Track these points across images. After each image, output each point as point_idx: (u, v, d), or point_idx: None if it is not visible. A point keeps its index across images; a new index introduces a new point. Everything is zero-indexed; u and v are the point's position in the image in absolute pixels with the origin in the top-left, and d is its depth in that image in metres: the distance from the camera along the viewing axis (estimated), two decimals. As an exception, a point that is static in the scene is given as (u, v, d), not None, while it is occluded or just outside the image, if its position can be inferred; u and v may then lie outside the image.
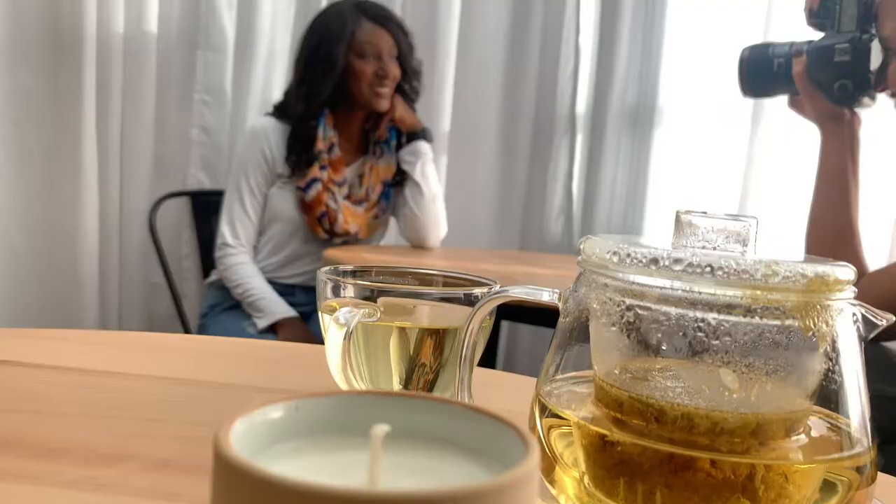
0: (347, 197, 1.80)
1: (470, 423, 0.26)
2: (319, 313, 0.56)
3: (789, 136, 1.88)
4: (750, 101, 1.96)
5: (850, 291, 0.36)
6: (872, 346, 1.06)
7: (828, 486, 0.36)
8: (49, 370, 0.61)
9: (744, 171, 2.05)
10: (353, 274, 0.58)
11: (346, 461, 0.25)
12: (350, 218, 1.78)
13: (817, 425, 0.38)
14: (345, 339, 0.50)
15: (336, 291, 0.54)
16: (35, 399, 0.53)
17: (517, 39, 2.33)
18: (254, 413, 0.25)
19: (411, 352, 0.54)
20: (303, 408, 0.26)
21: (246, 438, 0.24)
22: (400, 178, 1.85)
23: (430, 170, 1.85)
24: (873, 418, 0.37)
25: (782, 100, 1.27)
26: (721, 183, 2.11)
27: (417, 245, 1.89)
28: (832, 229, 1.13)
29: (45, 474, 0.41)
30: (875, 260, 1.35)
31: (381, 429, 0.24)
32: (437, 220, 1.86)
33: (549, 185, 2.34)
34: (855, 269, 0.37)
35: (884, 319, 0.37)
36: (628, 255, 0.35)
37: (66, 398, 0.54)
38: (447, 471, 0.25)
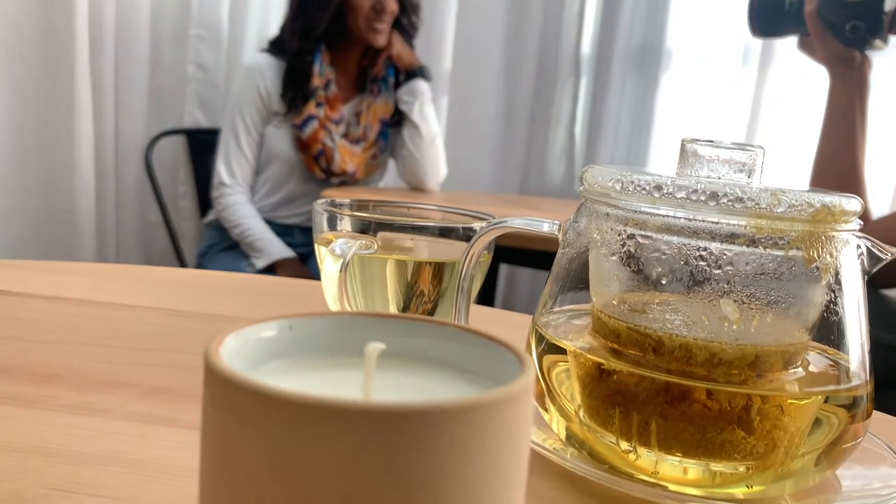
0: (345, 135, 1.78)
1: (465, 344, 0.26)
2: (316, 246, 0.55)
3: (798, 79, 1.85)
4: (759, 43, 1.91)
5: (856, 224, 0.35)
6: (872, 292, 1.06)
7: (823, 420, 0.36)
8: (44, 300, 0.60)
9: (750, 116, 2.03)
10: (350, 207, 0.57)
11: (339, 379, 0.25)
12: (347, 157, 1.76)
13: (815, 359, 0.38)
14: (341, 271, 0.49)
15: (332, 224, 0.54)
16: (29, 327, 0.53)
17: (522, -24, 2.27)
18: (246, 330, 0.24)
19: (408, 285, 0.53)
20: (297, 327, 0.26)
21: (238, 356, 0.23)
22: (398, 119, 1.82)
23: (428, 110, 1.82)
24: (871, 353, 0.37)
25: (792, 41, 1.24)
26: (728, 127, 2.08)
27: (416, 187, 1.87)
28: (836, 173, 1.12)
29: (41, 398, 0.41)
30: (879, 207, 1.34)
31: (376, 347, 0.24)
32: (435, 162, 1.84)
33: (552, 127, 2.31)
34: (861, 201, 0.36)
35: (888, 253, 0.36)
36: (631, 183, 0.34)
37: (61, 327, 0.54)
38: (442, 390, 0.25)
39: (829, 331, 0.36)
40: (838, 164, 1.12)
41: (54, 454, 0.34)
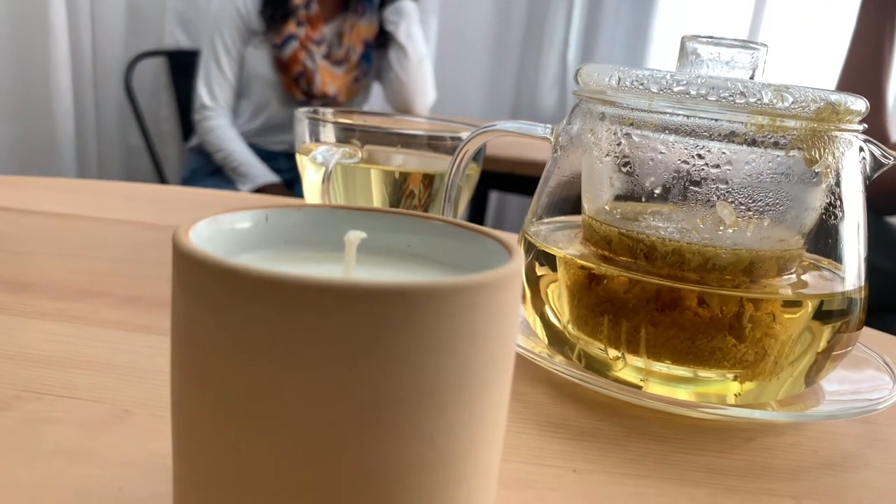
0: (326, 57, 1.72)
1: (451, 238, 0.25)
2: (297, 157, 0.53)
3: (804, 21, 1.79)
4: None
5: (860, 125, 0.34)
6: (875, 218, 1.06)
7: (814, 328, 0.35)
8: (20, 213, 0.58)
9: (752, 16, 1.97)
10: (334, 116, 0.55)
11: (317, 271, 0.23)
12: (328, 79, 1.70)
13: (810, 267, 0.37)
14: (323, 181, 0.48)
15: (315, 134, 0.52)
16: (4, 239, 0.51)
17: None
18: (219, 218, 0.23)
19: (393, 198, 0.52)
20: (273, 218, 0.24)
21: (209, 245, 0.22)
22: (384, 40, 1.76)
23: (415, 31, 1.76)
24: (869, 275, 0.36)
25: None
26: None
27: (403, 112, 1.83)
28: (860, 91, 1.10)
29: (16, 305, 0.40)
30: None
31: (357, 235, 0.22)
32: (423, 85, 1.80)
33: (544, 52, 2.25)
34: (868, 104, 0.34)
35: (891, 157, 0.35)
36: (628, 78, 0.33)
37: (38, 239, 0.52)
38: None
39: (826, 236, 0.35)
40: (862, 82, 1.10)
41: (28, 358, 0.33)
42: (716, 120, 0.31)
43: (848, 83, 1.13)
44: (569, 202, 0.40)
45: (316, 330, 0.17)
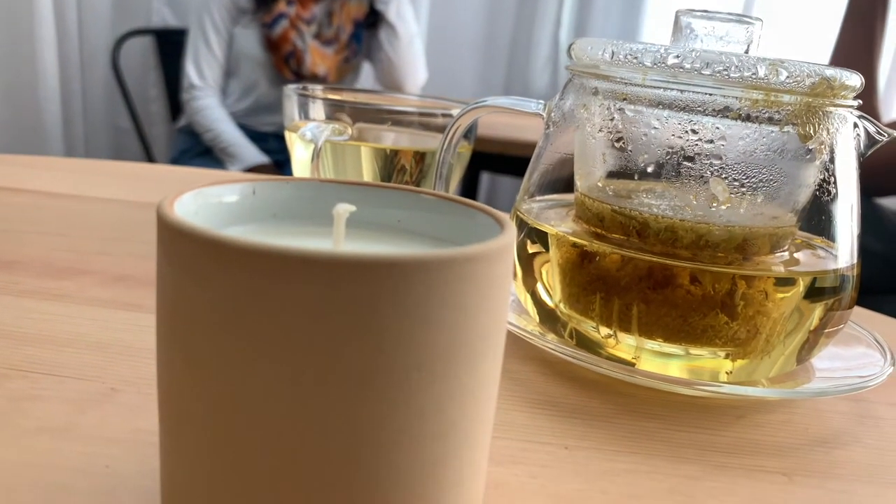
0: (316, 36, 1.70)
1: (442, 213, 0.24)
2: (286, 134, 0.52)
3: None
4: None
5: (855, 101, 0.33)
6: (866, 200, 1.06)
7: (806, 306, 0.35)
8: (5, 191, 0.57)
9: None
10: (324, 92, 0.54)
11: (305, 245, 0.23)
12: (318, 59, 1.69)
13: (802, 245, 0.37)
14: (312, 158, 0.47)
15: (304, 110, 0.51)
16: (-12, 217, 0.51)
17: None
18: (204, 191, 0.22)
19: (383, 175, 0.51)
20: (260, 191, 0.24)
21: (196, 218, 0.22)
22: (374, 20, 1.74)
23: (406, 10, 1.74)
24: (861, 256, 0.36)
25: None
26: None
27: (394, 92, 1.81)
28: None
29: (1, 284, 0.39)
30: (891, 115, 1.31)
31: (346, 208, 0.22)
32: (414, 65, 1.78)
33: (537, 32, 2.24)
34: (863, 79, 0.34)
35: (885, 134, 0.34)
36: (622, 52, 0.32)
37: (23, 217, 0.52)
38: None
39: (819, 213, 0.34)
40: (854, 63, 1.10)
41: (14, 336, 0.33)
42: (710, 94, 0.31)
43: (839, 64, 1.13)
44: (561, 179, 0.40)
45: (303, 302, 0.17)
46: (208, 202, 0.23)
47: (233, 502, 0.18)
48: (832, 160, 0.33)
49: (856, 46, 1.10)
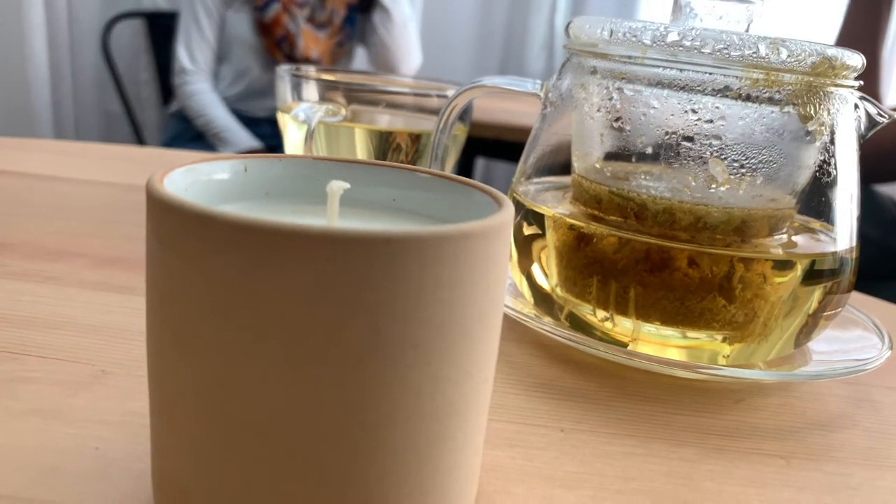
0: (309, 20, 1.68)
1: (438, 192, 0.24)
2: (279, 115, 0.52)
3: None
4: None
5: (857, 81, 0.33)
6: (864, 187, 1.06)
7: (804, 289, 0.35)
8: (-8, 174, 0.57)
9: None
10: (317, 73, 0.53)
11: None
12: (311, 43, 1.67)
13: (801, 227, 0.37)
14: (306, 140, 0.46)
15: (297, 92, 0.50)
16: (-24, 199, 0.50)
17: None
18: (195, 168, 0.22)
19: (378, 156, 0.51)
20: (252, 169, 0.23)
21: (186, 195, 0.21)
22: (368, 3, 1.72)
23: (400, -7, 1.73)
24: (860, 220, 0.36)
25: None
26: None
27: (389, 76, 1.80)
28: None
29: (-12, 267, 0.38)
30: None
31: (340, 185, 0.21)
32: (408, 48, 1.77)
33: (532, 16, 2.22)
34: (865, 59, 0.33)
35: (886, 116, 0.34)
36: (620, 30, 0.32)
37: (13, 199, 0.51)
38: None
39: (819, 195, 0.34)
40: (858, 46, 1.10)
41: (4, 318, 0.32)
42: (710, 73, 0.31)
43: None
44: (558, 161, 0.40)
45: (296, 279, 0.16)
46: (199, 179, 0.22)
47: (225, 484, 0.18)
48: (832, 141, 0.33)
49: (860, 31, 1.10)
